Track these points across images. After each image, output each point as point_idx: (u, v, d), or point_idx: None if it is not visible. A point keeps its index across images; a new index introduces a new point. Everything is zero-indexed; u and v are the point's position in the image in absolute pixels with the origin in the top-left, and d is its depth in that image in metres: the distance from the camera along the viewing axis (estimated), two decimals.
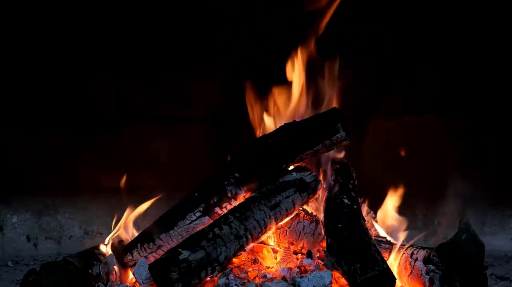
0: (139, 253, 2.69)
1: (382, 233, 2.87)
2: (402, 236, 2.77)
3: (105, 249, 2.73)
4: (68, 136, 3.66)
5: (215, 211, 2.68)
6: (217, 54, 3.64)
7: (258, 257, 2.63)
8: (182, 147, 3.68)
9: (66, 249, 3.60)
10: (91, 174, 3.62)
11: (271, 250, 2.68)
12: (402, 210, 2.94)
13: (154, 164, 3.65)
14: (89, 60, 3.63)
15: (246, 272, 2.51)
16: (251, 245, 2.61)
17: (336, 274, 2.46)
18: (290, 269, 2.54)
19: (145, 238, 2.71)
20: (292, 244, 2.71)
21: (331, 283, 2.38)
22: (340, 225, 2.51)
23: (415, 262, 2.47)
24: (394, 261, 2.58)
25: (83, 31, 3.60)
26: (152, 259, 2.59)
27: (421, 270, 2.41)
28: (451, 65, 3.68)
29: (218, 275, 2.44)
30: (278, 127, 2.79)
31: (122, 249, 2.72)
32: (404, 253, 2.57)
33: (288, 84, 2.97)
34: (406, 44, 3.66)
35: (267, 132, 2.82)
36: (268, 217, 2.57)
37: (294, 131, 2.70)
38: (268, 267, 2.60)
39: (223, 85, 3.61)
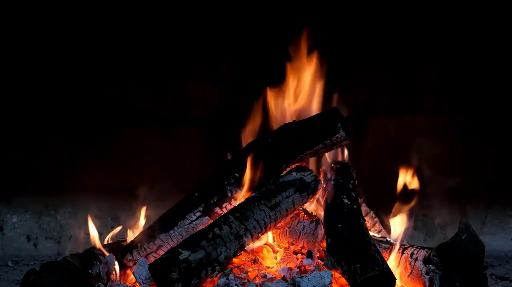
0: (139, 253, 2.69)
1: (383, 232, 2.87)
2: (402, 236, 2.76)
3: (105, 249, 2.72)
4: (68, 136, 3.66)
5: (215, 211, 2.68)
6: (217, 54, 3.64)
7: (258, 257, 2.63)
8: (182, 147, 3.68)
9: (66, 249, 3.59)
10: (91, 174, 3.62)
11: (271, 250, 2.68)
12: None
13: (153, 164, 3.65)
14: (89, 60, 3.63)
15: (246, 272, 2.50)
16: (251, 245, 2.61)
17: (336, 274, 2.46)
18: (290, 269, 2.54)
19: (145, 238, 2.71)
20: (292, 244, 2.71)
21: (331, 283, 2.38)
22: (340, 225, 2.51)
23: (415, 262, 2.47)
24: (394, 261, 2.58)
25: (84, 32, 3.61)
26: (152, 259, 2.59)
27: (421, 270, 2.41)
28: (453, 65, 3.68)
29: (218, 275, 2.44)
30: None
31: (121, 249, 2.72)
32: (404, 253, 2.57)
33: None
34: (409, 43, 3.66)
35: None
36: (268, 217, 2.57)
37: (294, 131, 2.70)
38: (268, 267, 2.60)
39: (222, 85, 3.61)
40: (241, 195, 2.70)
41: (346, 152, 2.95)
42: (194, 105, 3.70)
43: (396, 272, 2.53)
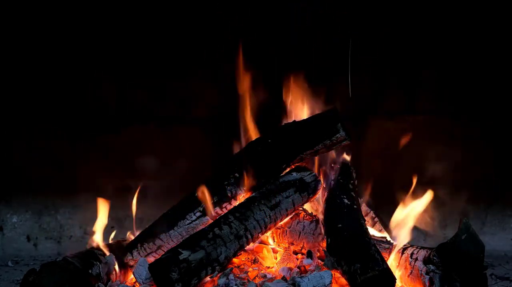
0: (139, 253, 2.69)
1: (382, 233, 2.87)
2: (402, 236, 2.76)
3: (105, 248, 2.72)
4: (68, 136, 3.66)
5: (215, 211, 2.68)
6: (217, 54, 3.64)
7: (258, 257, 2.63)
8: (182, 147, 3.67)
9: (66, 249, 3.59)
10: (91, 174, 3.62)
11: (271, 250, 2.68)
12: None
13: (154, 164, 3.65)
14: (89, 60, 3.63)
15: (246, 272, 2.51)
16: (251, 245, 2.61)
17: (336, 274, 2.46)
18: (290, 269, 2.54)
19: (145, 238, 2.71)
20: (292, 244, 2.71)
21: (331, 283, 2.38)
22: (340, 225, 2.51)
23: (415, 262, 2.47)
24: (394, 261, 2.58)
25: (84, 31, 3.60)
26: (152, 259, 2.59)
27: (421, 270, 2.41)
28: (453, 65, 3.67)
29: (218, 275, 2.44)
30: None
31: (122, 249, 2.72)
32: (404, 253, 2.57)
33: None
34: (409, 44, 3.66)
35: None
36: (268, 217, 2.57)
37: (294, 131, 2.70)
38: (268, 267, 2.60)
39: (223, 85, 3.60)
40: (241, 195, 2.70)
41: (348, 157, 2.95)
42: (194, 105, 3.69)
43: (396, 272, 2.53)
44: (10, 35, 3.59)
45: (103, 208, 2.84)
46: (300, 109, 2.93)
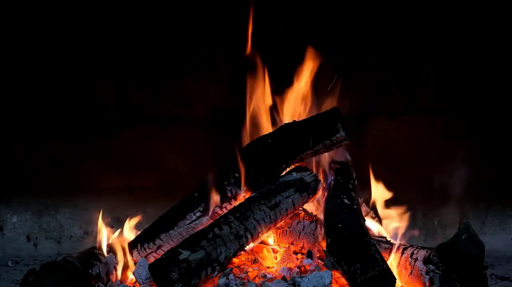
0: (139, 253, 2.69)
1: (383, 232, 2.87)
2: (401, 236, 2.77)
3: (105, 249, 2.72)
4: (68, 136, 3.66)
5: (215, 211, 2.68)
6: (217, 54, 3.64)
7: (258, 257, 2.63)
8: (182, 147, 3.67)
9: (66, 249, 3.60)
10: (91, 174, 3.62)
11: (271, 250, 2.68)
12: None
13: (154, 164, 3.65)
14: (89, 60, 3.63)
15: (246, 272, 2.51)
16: (251, 245, 2.61)
17: (336, 274, 2.46)
18: (290, 269, 2.54)
19: (145, 238, 2.72)
20: (292, 244, 2.72)
21: (331, 283, 2.39)
22: (340, 225, 2.51)
23: (415, 262, 2.47)
24: (394, 261, 2.58)
25: (84, 31, 3.60)
26: (152, 259, 2.60)
27: (421, 270, 2.41)
28: (453, 65, 3.67)
29: (218, 275, 2.44)
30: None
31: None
32: (404, 253, 2.57)
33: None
34: (409, 43, 3.66)
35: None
36: (268, 217, 2.57)
37: (294, 131, 2.70)
38: (268, 267, 2.60)
39: (223, 85, 3.61)
40: (241, 195, 2.70)
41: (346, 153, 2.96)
42: (194, 105, 3.69)
43: (396, 272, 2.53)
44: (10, 35, 3.59)
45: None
46: (299, 109, 2.94)
